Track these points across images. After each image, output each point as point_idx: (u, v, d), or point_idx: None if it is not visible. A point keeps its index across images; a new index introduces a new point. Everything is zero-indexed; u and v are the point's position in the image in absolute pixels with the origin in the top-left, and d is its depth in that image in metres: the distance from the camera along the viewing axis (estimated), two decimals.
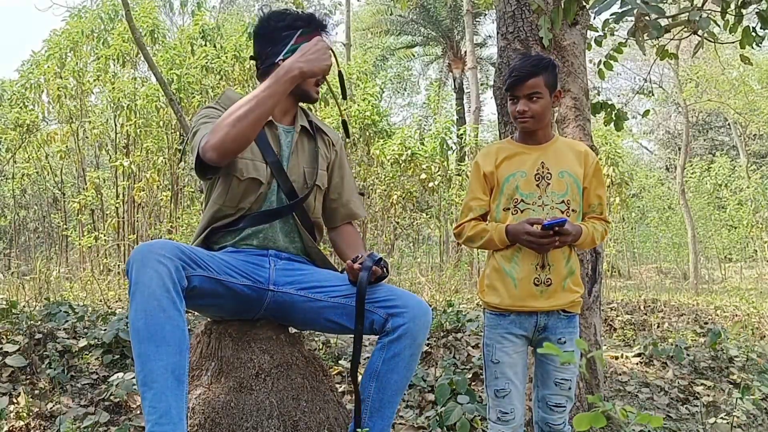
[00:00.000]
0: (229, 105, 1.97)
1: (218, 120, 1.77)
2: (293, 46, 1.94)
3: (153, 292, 1.56)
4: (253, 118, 1.73)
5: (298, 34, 1.95)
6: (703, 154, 20.57)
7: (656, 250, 14.52)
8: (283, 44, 1.96)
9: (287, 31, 1.96)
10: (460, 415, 2.56)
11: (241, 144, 1.76)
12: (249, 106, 1.74)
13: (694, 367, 3.81)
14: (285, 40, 1.96)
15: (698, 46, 2.99)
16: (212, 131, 1.75)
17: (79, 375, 2.85)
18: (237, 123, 1.73)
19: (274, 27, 1.98)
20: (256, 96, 1.75)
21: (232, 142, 1.73)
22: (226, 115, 1.76)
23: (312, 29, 1.95)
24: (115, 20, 8.69)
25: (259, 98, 1.75)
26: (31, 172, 9.18)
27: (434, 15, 18.92)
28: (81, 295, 5.14)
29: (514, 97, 1.89)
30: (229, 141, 1.73)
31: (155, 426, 1.51)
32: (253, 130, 1.75)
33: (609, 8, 2.44)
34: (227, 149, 1.75)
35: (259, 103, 1.74)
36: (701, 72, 12.22)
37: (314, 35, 1.94)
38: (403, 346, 1.78)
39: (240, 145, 1.76)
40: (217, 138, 1.73)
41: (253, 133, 1.76)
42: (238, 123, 1.73)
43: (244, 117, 1.73)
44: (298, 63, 1.77)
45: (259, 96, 1.75)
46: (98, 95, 9.25)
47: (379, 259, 1.89)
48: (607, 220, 1.99)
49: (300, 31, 1.95)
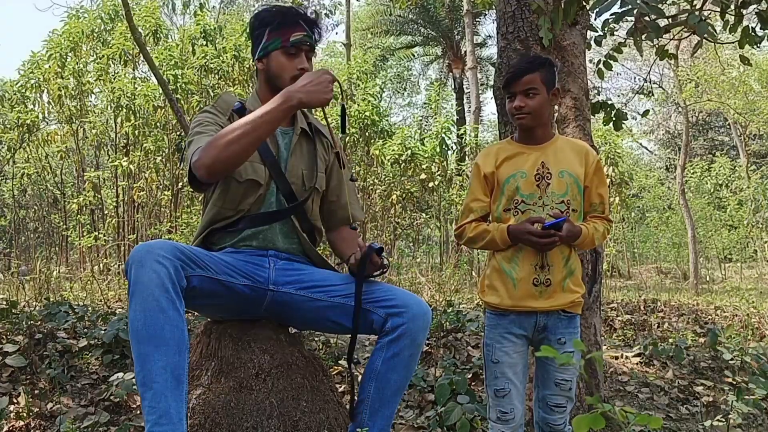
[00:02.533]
0: (225, 109, 1.97)
1: (212, 138, 1.75)
2: (265, 44, 1.95)
3: (152, 293, 1.56)
4: (246, 142, 1.71)
5: (267, 31, 1.94)
6: (703, 154, 20.57)
7: (656, 250, 14.52)
8: (257, 43, 1.97)
9: (259, 29, 1.96)
10: (460, 415, 2.56)
11: (231, 166, 1.75)
12: (243, 130, 1.71)
13: (694, 367, 3.80)
14: (258, 39, 1.97)
15: (697, 47, 2.99)
16: (205, 148, 1.74)
17: (79, 375, 2.85)
18: (229, 145, 1.71)
19: (252, 27, 1.99)
20: (252, 121, 1.72)
21: (223, 163, 1.73)
22: (220, 134, 1.73)
23: (278, 26, 1.93)
24: (116, 20, 8.69)
25: (255, 123, 1.71)
26: (31, 172, 9.18)
27: (434, 15, 18.93)
28: (81, 295, 5.14)
29: (511, 94, 1.90)
30: (220, 162, 1.72)
31: (155, 426, 1.51)
32: (245, 153, 1.73)
33: (609, 8, 2.45)
34: (217, 170, 1.74)
35: (254, 128, 1.71)
36: (701, 72, 12.21)
37: (284, 32, 1.93)
38: (402, 345, 1.78)
39: (230, 167, 1.76)
40: (208, 157, 1.72)
41: (245, 156, 1.75)
42: (230, 146, 1.71)
43: (237, 141, 1.71)
44: (298, 93, 1.73)
45: (256, 122, 1.72)
46: (98, 95, 9.25)
47: (379, 248, 1.88)
48: (609, 219, 1.98)
49: (269, 28, 1.94)
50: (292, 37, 1.93)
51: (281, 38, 1.93)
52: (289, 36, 1.93)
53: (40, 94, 8.66)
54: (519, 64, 1.90)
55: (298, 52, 1.95)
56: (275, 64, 1.96)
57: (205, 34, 8.60)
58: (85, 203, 8.05)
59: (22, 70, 8.69)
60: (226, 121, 1.94)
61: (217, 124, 1.91)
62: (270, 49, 1.95)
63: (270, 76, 1.97)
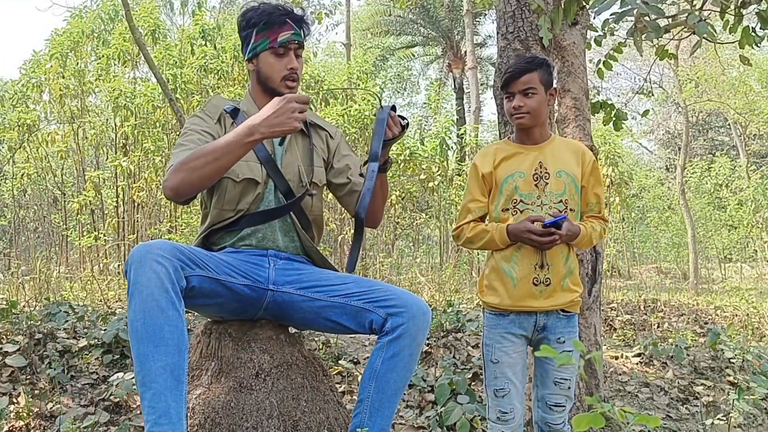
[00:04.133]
0: (214, 113, 1.97)
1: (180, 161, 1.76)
2: (253, 45, 1.93)
3: (151, 293, 1.56)
4: (210, 170, 1.73)
5: (254, 32, 1.93)
6: (703, 154, 20.56)
7: (656, 250, 14.52)
8: (246, 44, 1.96)
9: (246, 29, 1.95)
10: (460, 415, 2.56)
11: (195, 190, 1.78)
12: (207, 159, 1.73)
13: (694, 367, 3.81)
14: (246, 40, 1.96)
15: (696, 46, 2.99)
16: (173, 170, 1.76)
17: (79, 375, 2.85)
18: (194, 172, 1.73)
19: (240, 27, 1.98)
20: (215, 150, 1.73)
21: (188, 187, 1.75)
22: (188, 159, 1.75)
23: (266, 25, 1.91)
24: (116, 20, 8.69)
25: (218, 153, 1.72)
26: (31, 172, 9.18)
27: (434, 15, 18.93)
28: (81, 295, 5.14)
29: (510, 94, 1.90)
30: (184, 186, 1.75)
31: (154, 426, 1.51)
32: (208, 180, 1.76)
33: (609, 8, 2.45)
34: (182, 193, 1.77)
35: (217, 158, 1.72)
36: (701, 72, 12.21)
37: (271, 32, 1.91)
38: (402, 345, 1.78)
39: (195, 191, 1.78)
40: (175, 181, 1.75)
41: (209, 182, 1.77)
42: (195, 172, 1.73)
43: (202, 167, 1.73)
44: (260, 127, 1.70)
45: (218, 152, 1.72)
46: (98, 95, 9.25)
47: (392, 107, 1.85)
48: (605, 219, 1.99)
49: (256, 29, 1.92)
50: (280, 37, 1.92)
51: (269, 38, 1.92)
52: (276, 36, 1.92)
53: (41, 93, 8.66)
54: (517, 64, 1.90)
55: (286, 52, 1.94)
56: (264, 65, 1.95)
57: (204, 34, 8.60)
58: (85, 203, 8.05)
59: (23, 70, 8.69)
60: (214, 125, 1.95)
61: (202, 131, 1.91)
62: (258, 50, 1.94)
63: (261, 77, 1.98)
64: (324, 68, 10.76)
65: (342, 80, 9.63)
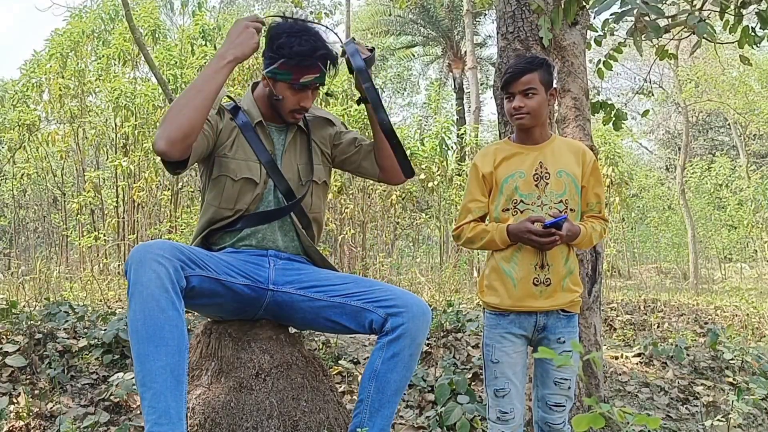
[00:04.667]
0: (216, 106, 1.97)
1: (165, 113, 1.78)
2: (274, 69, 1.91)
3: (152, 293, 1.56)
4: (194, 105, 1.75)
5: (280, 61, 1.89)
6: (703, 154, 20.55)
7: (656, 250, 14.51)
8: (268, 62, 1.94)
9: (273, 52, 1.91)
10: (460, 415, 2.56)
11: (186, 132, 1.75)
12: (190, 94, 1.77)
13: (694, 367, 3.81)
14: (270, 60, 1.93)
15: (696, 46, 3.00)
16: (161, 124, 1.77)
17: (79, 375, 2.85)
18: (181, 110, 1.74)
19: (270, 38, 1.94)
20: (195, 84, 1.78)
21: (178, 131, 1.74)
22: (171, 107, 1.78)
23: (293, 63, 1.89)
24: (116, 20, 8.70)
25: (199, 86, 1.78)
26: (31, 172, 9.18)
27: (434, 15, 18.92)
28: (81, 295, 5.14)
29: (510, 95, 1.90)
30: (174, 130, 1.73)
31: (154, 426, 1.51)
32: (197, 117, 1.75)
33: (609, 8, 2.45)
34: (174, 138, 1.74)
35: (199, 90, 1.77)
36: (701, 72, 12.21)
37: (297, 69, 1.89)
38: (402, 345, 1.79)
39: (186, 134, 1.75)
40: (164, 129, 1.74)
41: (198, 119, 1.76)
42: (181, 112, 1.74)
43: (186, 105, 1.75)
44: (230, 50, 1.80)
45: (198, 84, 1.78)
46: (98, 95, 9.25)
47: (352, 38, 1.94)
48: (605, 219, 1.99)
49: (282, 60, 1.89)
50: (303, 79, 1.91)
51: (292, 75, 1.90)
52: (300, 76, 1.91)
53: (41, 93, 8.66)
54: (517, 64, 1.90)
55: (305, 90, 1.94)
56: (280, 92, 1.94)
57: (204, 34, 8.61)
58: (85, 203, 8.05)
59: (23, 69, 8.69)
60: (215, 115, 1.94)
61: None
62: (278, 78, 1.92)
63: (273, 98, 1.96)
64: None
65: (342, 80, 9.63)
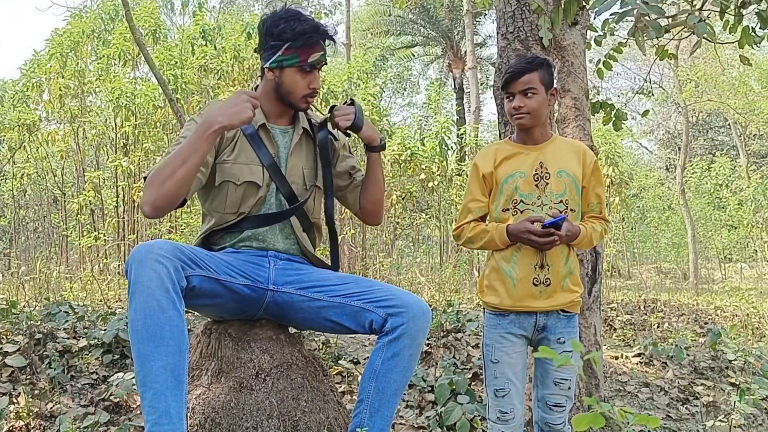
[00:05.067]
0: None
1: (150, 176, 1.76)
2: (279, 57, 1.91)
3: (152, 293, 1.56)
4: (180, 175, 1.74)
5: (285, 46, 1.90)
6: (703, 154, 20.55)
7: (656, 250, 14.51)
8: (271, 53, 1.93)
9: (276, 40, 1.91)
10: (460, 415, 2.56)
11: (172, 200, 1.77)
12: (176, 164, 1.74)
13: (694, 367, 3.81)
14: (273, 50, 1.92)
15: (696, 46, 2.99)
16: (146, 187, 1.76)
17: (79, 375, 2.85)
18: (165, 181, 1.73)
19: (267, 30, 1.94)
20: (181, 152, 1.75)
21: (164, 199, 1.75)
22: (156, 171, 1.76)
23: (300, 44, 1.89)
24: (116, 20, 8.69)
25: (183, 155, 1.74)
26: (31, 172, 9.18)
27: (434, 15, 18.92)
28: (81, 295, 5.14)
29: (510, 95, 1.90)
30: (160, 199, 1.74)
31: (154, 426, 1.51)
32: (181, 186, 1.75)
33: (609, 8, 2.45)
34: (160, 206, 1.76)
35: (184, 160, 1.74)
36: (701, 72, 12.21)
37: (303, 51, 1.90)
38: (402, 345, 1.79)
39: (171, 202, 1.77)
40: (150, 196, 1.75)
41: (183, 188, 1.76)
42: (166, 181, 1.73)
43: (171, 175, 1.73)
44: (219, 118, 1.75)
45: (183, 153, 1.75)
46: (98, 95, 9.25)
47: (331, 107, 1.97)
48: (606, 219, 1.99)
49: (288, 44, 1.89)
50: (311, 58, 1.91)
51: (299, 57, 1.90)
52: (308, 56, 1.91)
53: (41, 93, 8.66)
54: (517, 64, 1.90)
55: (312, 71, 1.94)
56: (289, 80, 1.93)
57: (204, 34, 8.61)
58: (85, 203, 8.05)
59: (23, 69, 8.69)
60: None
61: None
62: (285, 64, 1.92)
63: (281, 89, 1.95)
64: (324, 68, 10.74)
65: (342, 80, 9.63)
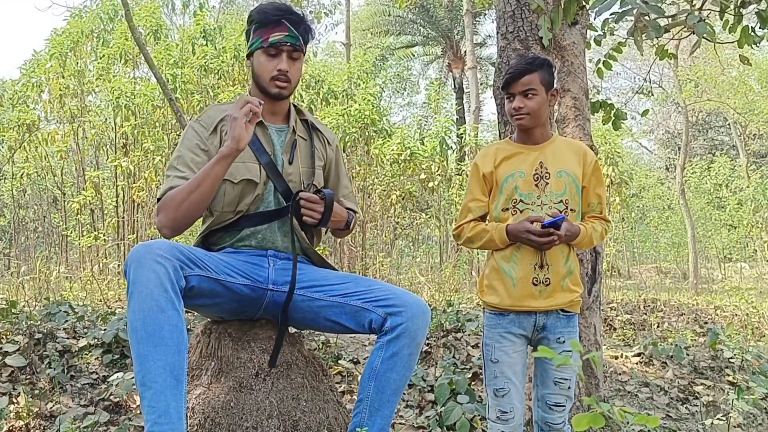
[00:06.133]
0: (209, 124, 1.97)
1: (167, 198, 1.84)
2: (251, 42, 1.97)
3: (151, 292, 1.56)
4: (196, 199, 1.81)
5: (252, 30, 1.96)
6: (702, 154, 20.55)
7: (656, 250, 14.51)
8: (247, 41, 2.00)
9: (248, 26, 1.99)
10: (460, 414, 2.56)
11: (191, 220, 1.86)
12: (191, 189, 1.81)
13: (693, 366, 3.81)
14: (247, 37, 1.99)
15: (695, 46, 2.99)
16: (163, 209, 1.84)
17: (78, 375, 2.85)
18: (181, 204, 1.81)
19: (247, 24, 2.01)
20: (196, 182, 1.81)
21: (182, 220, 1.84)
22: (173, 195, 1.82)
23: (261, 25, 1.94)
24: (116, 20, 8.69)
25: (199, 179, 1.81)
26: (30, 172, 9.17)
27: (434, 15, 18.91)
28: (81, 295, 5.14)
29: (510, 95, 1.90)
30: (178, 221, 1.84)
31: (154, 426, 1.51)
32: (199, 208, 1.84)
33: (609, 8, 2.45)
34: (179, 227, 1.85)
35: (199, 185, 1.81)
36: (701, 72, 12.21)
37: (265, 31, 1.94)
38: (401, 345, 1.78)
39: (190, 221, 1.86)
40: (168, 220, 1.84)
41: (200, 211, 1.85)
42: (182, 204, 1.81)
43: (187, 198, 1.81)
44: (226, 147, 1.81)
45: (199, 178, 1.81)
46: (98, 95, 9.25)
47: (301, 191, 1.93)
48: (606, 220, 1.99)
49: (254, 27, 1.96)
50: (272, 37, 1.93)
51: (262, 37, 1.94)
52: (269, 36, 1.93)
53: (40, 93, 8.66)
54: (518, 64, 1.90)
55: (278, 53, 1.95)
56: (257, 63, 1.98)
57: (204, 33, 8.60)
58: (85, 203, 8.05)
59: (23, 69, 8.69)
60: (209, 136, 1.95)
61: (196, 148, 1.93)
62: (253, 48, 1.97)
63: (254, 76, 2.00)
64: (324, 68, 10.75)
65: (342, 80, 9.63)
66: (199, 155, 1.92)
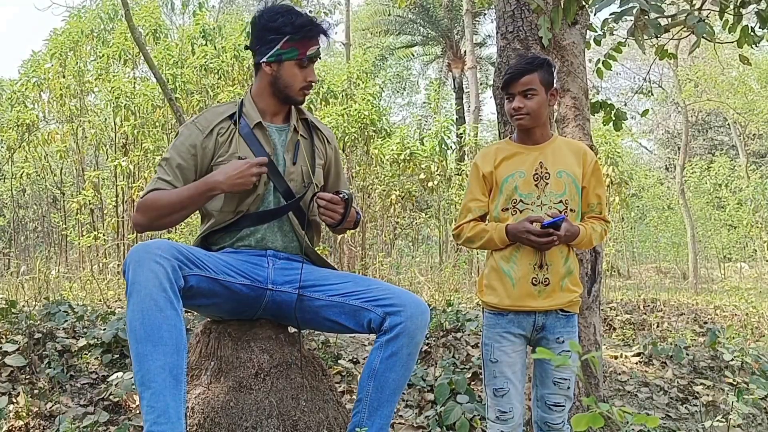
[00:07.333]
0: (206, 126, 1.97)
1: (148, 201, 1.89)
2: (278, 51, 1.92)
3: (150, 292, 1.56)
4: (174, 217, 1.91)
5: (284, 39, 1.92)
6: (702, 154, 20.56)
7: (656, 250, 14.52)
8: (269, 47, 1.94)
9: (275, 34, 1.92)
10: (460, 414, 2.56)
11: (161, 229, 2.00)
12: (174, 207, 1.88)
13: (693, 366, 3.81)
14: (271, 44, 1.93)
15: (695, 46, 2.99)
16: (141, 210, 1.91)
17: (78, 375, 2.85)
18: (160, 217, 1.90)
19: (264, 25, 1.95)
20: (180, 200, 1.87)
21: (154, 228, 1.96)
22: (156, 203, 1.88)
23: (299, 37, 1.92)
24: (115, 20, 8.69)
25: (183, 203, 1.88)
26: (30, 172, 9.17)
27: (433, 15, 18.91)
28: (80, 294, 5.14)
29: (510, 95, 1.90)
30: (151, 227, 1.94)
31: (153, 425, 1.51)
32: (172, 224, 1.97)
33: (608, 5, 2.45)
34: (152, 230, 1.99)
35: (182, 207, 1.90)
36: (701, 72, 12.22)
37: (302, 44, 1.92)
38: (400, 344, 1.78)
39: (161, 229, 2.02)
40: (145, 220, 1.92)
41: (173, 225, 2.00)
42: (160, 218, 1.90)
43: (167, 215, 1.89)
44: (222, 185, 1.84)
45: (183, 201, 1.87)
46: (97, 94, 9.25)
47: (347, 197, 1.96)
48: (606, 220, 1.99)
49: (287, 37, 1.91)
50: (310, 51, 1.94)
51: (299, 50, 1.92)
52: (306, 49, 1.93)
53: (40, 93, 8.66)
54: (517, 64, 1.90)
55: (309, 64, 1.97)
56: (287, 73, 1.95)
57: (204, 33, 8.60)
58: (85, 203, 8.05)
59: (22, 69, 8.68)
60: (204, 139, 1.95)
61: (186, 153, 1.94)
62: (284, 58, 1.93)
63: (279, 83, 1.97)
64: (324, 68, 10.76)
65: (342, 80, 9.63)
66: (187, 161, 1.92)
